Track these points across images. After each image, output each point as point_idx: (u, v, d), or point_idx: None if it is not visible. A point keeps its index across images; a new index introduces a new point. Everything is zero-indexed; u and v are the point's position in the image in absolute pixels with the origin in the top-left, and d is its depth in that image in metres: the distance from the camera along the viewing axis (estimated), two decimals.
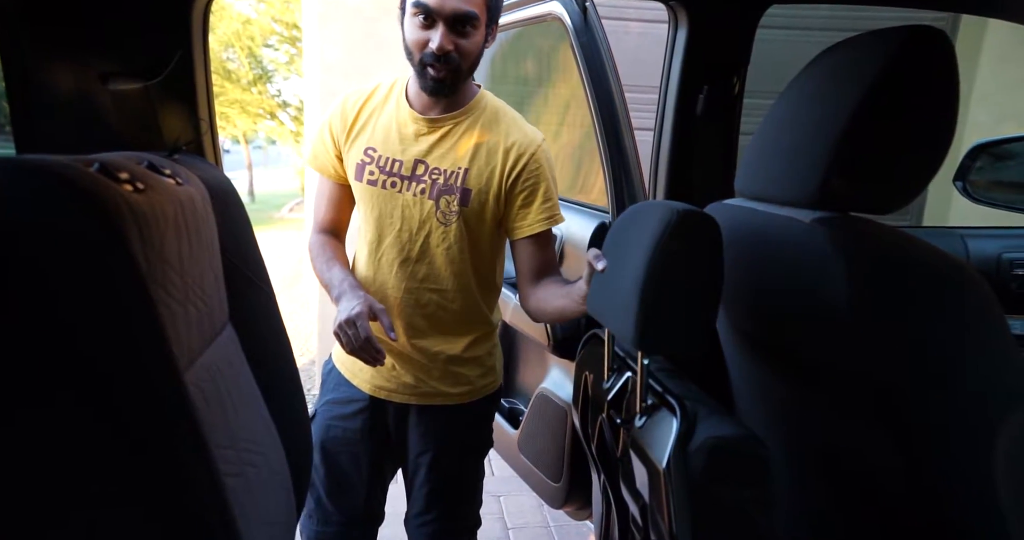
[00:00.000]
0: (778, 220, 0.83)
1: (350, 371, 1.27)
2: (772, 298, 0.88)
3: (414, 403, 1.24)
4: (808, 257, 0.77)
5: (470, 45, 1.07)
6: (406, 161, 1.15)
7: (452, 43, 1.05)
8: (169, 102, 0.94)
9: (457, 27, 1.04)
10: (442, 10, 1.03)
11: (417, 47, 1.07)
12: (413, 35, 1.07)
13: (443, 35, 1.04)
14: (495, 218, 1.18)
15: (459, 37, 1.05)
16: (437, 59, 1.06)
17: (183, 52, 0.92)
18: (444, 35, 1.04)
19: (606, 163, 1.40)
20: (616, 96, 1.36)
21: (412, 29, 1.07)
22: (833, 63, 0.78)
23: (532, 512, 2.22)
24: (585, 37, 1.35)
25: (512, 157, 1.15)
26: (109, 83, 0.91)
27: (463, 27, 1.05)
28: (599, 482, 1.20)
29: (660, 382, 0.96)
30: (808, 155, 0.75)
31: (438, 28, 1.04)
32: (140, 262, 0.55)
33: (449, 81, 1.09)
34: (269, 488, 0.83)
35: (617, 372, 1.10)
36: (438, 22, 1.04)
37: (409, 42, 1.08)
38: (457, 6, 1.03)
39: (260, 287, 1.01)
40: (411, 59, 1.09)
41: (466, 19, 1.04)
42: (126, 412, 0.51)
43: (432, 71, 1.07)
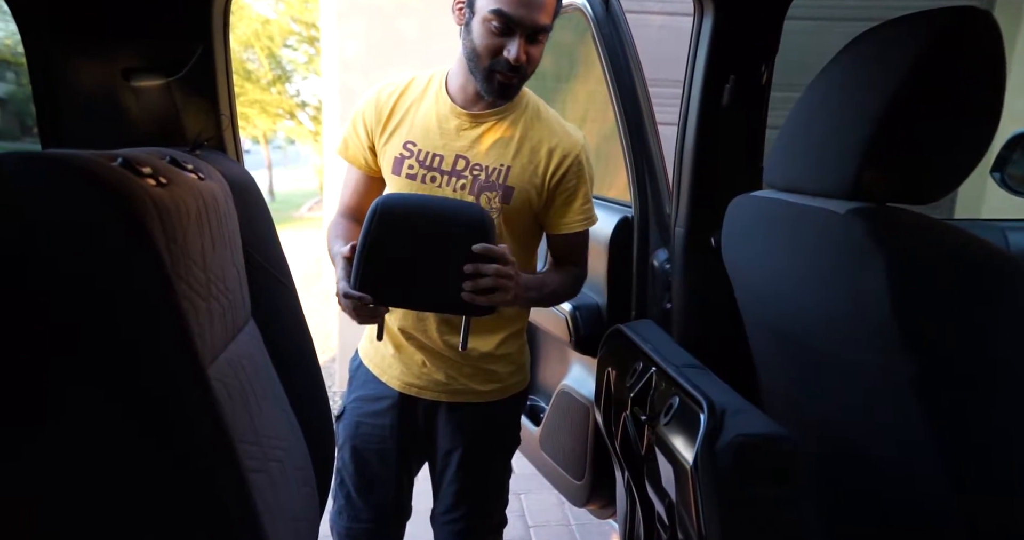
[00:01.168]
0: (810, 211, 0.81)
1: (379, 368, 1.27)
2: (804, 292, 0.85)
3: (444, 400, 1.24)
4: (843, 250, 0.74)
5: (539, 53, 1.09)
6: (447, 156, 1.15)
7: (526, 54, 1.06)
8: (190, 98, 0.94)
9: (532, 38, 1.06)
10: (523, 23, 1.03)
11: (488, 53, 1.07)
12: (486, 40, 1.06)
13: (520, 46, 1.05)
14: (533, 215, 1.18)
15: (531, 46, 1.07)
16: (511, 68, 1.06)
17: (204, 47, 0.92)
18: (522, 46, 1.05)
19: (629, 157, 1.38)
20: (639, 89, 1.34)
21: (485, 35, 1.06)
22: (869, 48, 0.76)
23: (553, 510, 2.21)
24: (608, 29, 1.34)
25: (556, 157, 1.15)
26: (132, 79, 0.91)
27: (537, 37, 1.06)
28: (623, 480, 1.18)
29: (686, 378, 0.94)
30: (842, 144, 0.73)
31: (515, 39, 1.04)
32: (164, 256, 0.55)
33: (516, 87, 1.11)
34: (292, 483, 0.83)
35: (641, 368, 1.08)
36: (516, 32, 1.04)
37: (480, 47, 1.07)
38: (537, 19, 1.04)
39: (282, 282, 1.01)
40: (477, 62, 1.08)
41: (542, 30, 1.06)
42: (152, 408, 0.51)
43: (501, 78, 1.08)
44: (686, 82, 1.19)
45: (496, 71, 1.07)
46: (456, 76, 1.15)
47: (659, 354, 1.06)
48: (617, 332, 1.23)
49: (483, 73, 1.08)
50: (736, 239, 1.02)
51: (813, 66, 0.85)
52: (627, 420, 1.09)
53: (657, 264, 1.37)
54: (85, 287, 0.47)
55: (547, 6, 1.04)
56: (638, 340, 1.14)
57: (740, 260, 1.03)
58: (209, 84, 0.95)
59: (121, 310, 0.50)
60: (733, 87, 1.13)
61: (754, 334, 1.05)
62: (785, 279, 0.90)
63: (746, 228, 0.99)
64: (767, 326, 1.00)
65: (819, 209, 0.79)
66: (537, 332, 1.75)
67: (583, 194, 1.18)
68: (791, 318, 0.91)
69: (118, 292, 0.49)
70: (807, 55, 1.57)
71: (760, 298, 1.00)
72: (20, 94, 22.80)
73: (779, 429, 0.81)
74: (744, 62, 1.13)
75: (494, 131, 1.15)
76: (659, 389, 1.01)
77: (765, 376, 1.06)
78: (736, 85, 1.13)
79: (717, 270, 1.09)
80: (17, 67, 20.24)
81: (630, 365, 1.12)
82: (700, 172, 1.19)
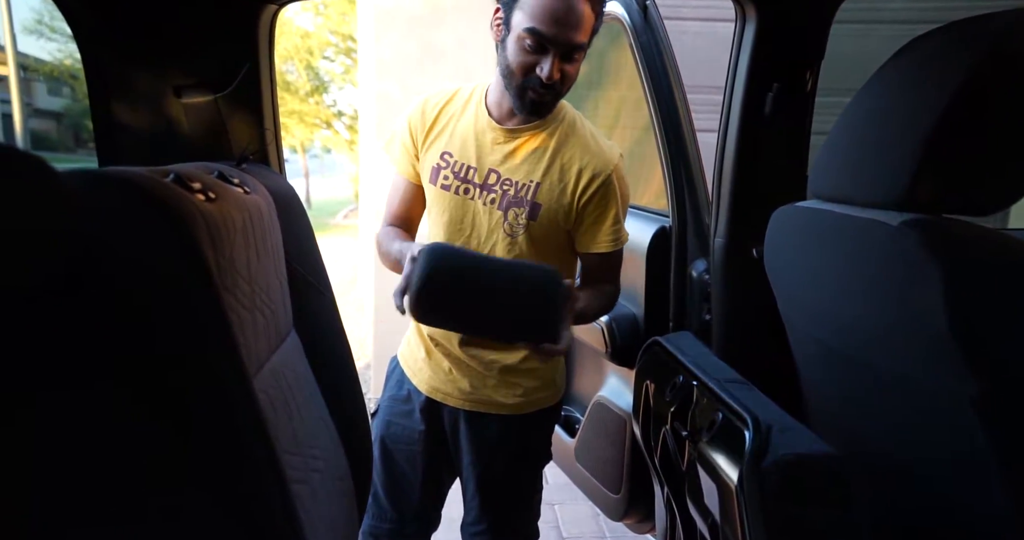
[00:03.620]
0: (859, 223, 0.78)
1: (411, 370, 1.28)
2: (854, 307, 0.82)
3: (467, 409, 1.24)
4: (895, 262, 0.72)
5: (574, 71, 1.08)
6: (480, 169, 1.16)
7: (560, 72, 1.05)
8: (237, 113, 0.97)
9: (566, 56, 1.04)
10: (557, 41, 1.02)
11: (522, 70, 1.06)
12: (519, 58, 1.05)
13: (554, 65, 1.03)
14: (563, 233, 1.17)
15: (566, 64, 1.05)
16: (543, 86, 1.05)
17: (251, 65, 0.94)
18: (555, 65, 1.03)
19: (667, 166, 1.36)
20: (678, 97, 1.32)
21: (519, 52, 1.05)
22: (923, 53, 0.73)
23: (588, 521, 2.18)
24: (645, 37, 1.32)
25: (586, 177, 1.13)
26: (182, 96, 0.94)
27: (572, 55, 1.05)
28: (662, 495, 1.16)
29: (729, 393, 0.92)
30: (895, 152, 0.70)
31: (549, 57, 1.03)
32: (212, 270, 0.56)
33: (551, 104, 1.10)
34: (333, 494, 0.83)
35: (681, 382, 1.06)
36: (549, 50, 1.03)
37: (513, 64, 1.06)
38: (572, 37, 1.02)
39: (322, 293, 1.02)
40: (511, 79, 1.08)
41: (577, 48, 1.04)
42: (200, 419, 0.52)
43: (533, 95, 1.07)
44: (727, 90, 1.17)
45: (529, 88, 1.06)
46: (494, 91, 1.16)
47: (700, 368, 1.03)
48: (655, 344, 1.21)
49: (516, 90, 1.08)
50: (780, 250, 1.00)
51: (856, 70, 0.82)
52: (667, 435, 1.07)
53: (696, 275, 1.34)
54: (139, 302, 0.48)
55: (583, 25, 1.03)
56: (677, 353, 1.12)
57: (785, 272, 1.00)
58: (255, 99, 0.97)
59: (172, 324, 0.51)
60: (776, 95, 1.11)
61: (799, 348, 1.02)
62: (833, 292, 0.87)
63: (791, 239, 0.97)
64: (813, 340, 0.97)
65: (869, 220, 0.76)
66: (572, 342, 1.74)
67: (613, 215, 1.15)
68: (839, 332, 0.88)
69: (170, 306, 0.51)
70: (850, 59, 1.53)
71: (806, 311, 0.97)
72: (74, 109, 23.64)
73: (829, 448, 0.78)
74: (788, 69, 1.10)
75: (527, 146, 1.15)
76: (701, 404, 0.98)
77: (811, 392, 1.03)
78: (779, 93, 1.11)
79: (759, 282, 1.06)
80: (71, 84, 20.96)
81: (670, 378, 1.10)
82: (741, 182, 1.16)
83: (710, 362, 1.08)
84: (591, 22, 1.04)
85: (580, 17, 1.01)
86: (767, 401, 0.92)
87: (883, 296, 0.77)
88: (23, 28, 21.75)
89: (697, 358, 1.09)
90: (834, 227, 0.85)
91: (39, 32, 13.93)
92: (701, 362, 1.06)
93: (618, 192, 1.15)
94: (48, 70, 21.61)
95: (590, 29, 1.05)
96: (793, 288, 0.99)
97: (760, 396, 0.93)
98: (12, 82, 12.85)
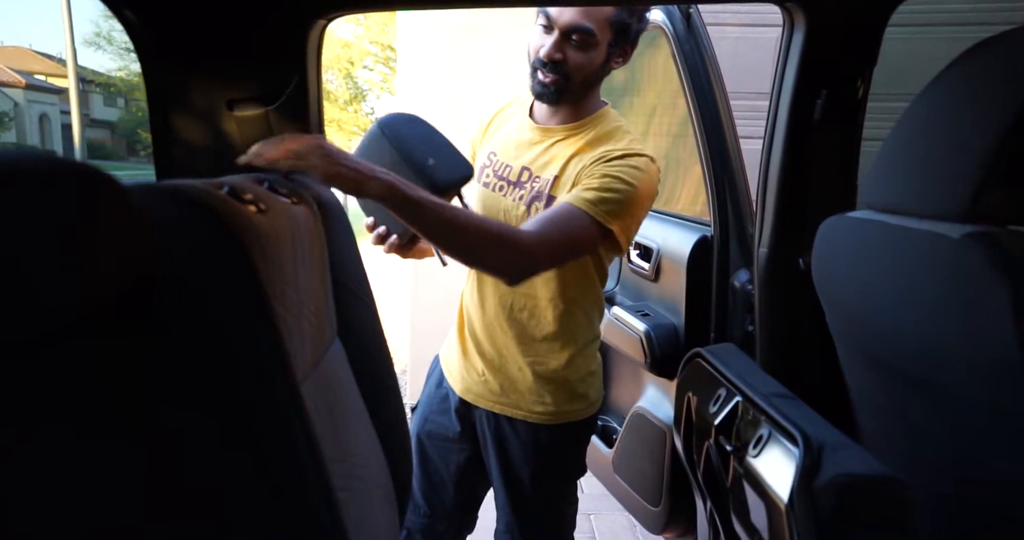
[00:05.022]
0: (917, 235, 0.75)
1: (448, 370, 1.30)
2: (910, 322, 0.79)
3: (496, 412, 1.23)
4: (956, 278, 0.69)
5: (581, 59, 1.08)
6: (515, 167, 1.18)
7: (561, 53, 1.07)
8: (285, 125, 0.99)
9: (571, 38, 1.07)
10: (558, 20, 1.06)
11: (533, 51, 1.11)
12: (533, 40, 1.11)
13: (553, 44, 1.07)
14: None
15: (572, 48, 1.07)
16: (544, 65, 1.09)
17: (299, 78, 0.97)
18: (554, 44, 1.07)
19: (709, 174, 1.34)
20: (721, 106, 1.31)
21: (534, 34, 1.11)
22: (991, 57, 0.70)
23: (625, 532, 2.15)
24: (688, 45, 1.31)
25: (594, 157, 1.08)
26: (235, 110, 0.97)
27: (578, 39, 1.07)
28: (705, 511, 1.13)
29: (776, 408, 0.89)
30: (958, 161, 0.67)
31: (552, 36, 1.07)
32: (263, 280, 0.57)
33: (554, 88, 1.10)
34: (375, 502, 0.84)
35: (725, 395, 1.04)
36: (555, 30, 1.07)
37: (530, 45, 1.12)
38: (572, 18, 1.05)
39: (364, 301, 1.03)
40: (529, 62, 1.13)
41: (580, 31, 1.06)
42: (251, 427, 0.53)
43: (540, 75, 1.10)
44: (773, 96, 1.15)
45: (536, 68, 1.10)
46: None
47: (744, 381, 1.01)
48: (697, 356, 1.18)
49: (530, 71, 1.12)
50: (829, 262, 0.97)
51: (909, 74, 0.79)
52: (710, 449, 1.05)
53: (738, 285, 1.32)
54: (195, 313, 0.50)
55: (592, 11, 1.05)
56: (720, 365, 1.10)
57: (835, 284, 0.97)
58: (302, 112, 0.99)
59: (226, 334, 0.52)
60: (826, 102, 1.08)
61: (849, 363, 0.99)
62: (887, 306, 0.84)
63: (841, 251, 0.94)
64: (865, 355, 0.94)
65: (927, 232, 0.73)
66: (610, 351, 1.72)
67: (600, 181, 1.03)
68: (894, 348, 0.85)
69: (224, 317, 0.52)
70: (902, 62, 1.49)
71: (858, 325, 0.94)
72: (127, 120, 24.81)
73: (887, 470, 0.75)
74: (838, 76, 1.08)
75: (558, 145, 1.16)
76: (746, 418, 0.96)
77: (862, 410, 0.99)
78: (829, 100, 1.08)
79: (805, 293, 1.04)
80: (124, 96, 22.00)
81: (713, 391, 1.07)
82: (787, 191, 1.14)
83: (755, 375, 1.06)
84: (605, 12, 1.06)
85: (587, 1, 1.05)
86: (817, 417, 0.89)
87: (943, 313, 0.73)
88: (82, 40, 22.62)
89: (741, 370, 1.06)
90: (888, 239, 0.82)
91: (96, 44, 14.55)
92: (746, 375, 1.04)
93: (624, 172, 1.05)
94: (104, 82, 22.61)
95: (604, 19, 1.06)
96: (844, 301, 0.96)
97: (809, 411, 0.90)
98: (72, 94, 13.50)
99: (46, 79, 21.35)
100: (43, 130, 19.77)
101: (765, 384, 1.00)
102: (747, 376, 1.04)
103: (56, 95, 19.79)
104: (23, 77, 18.86)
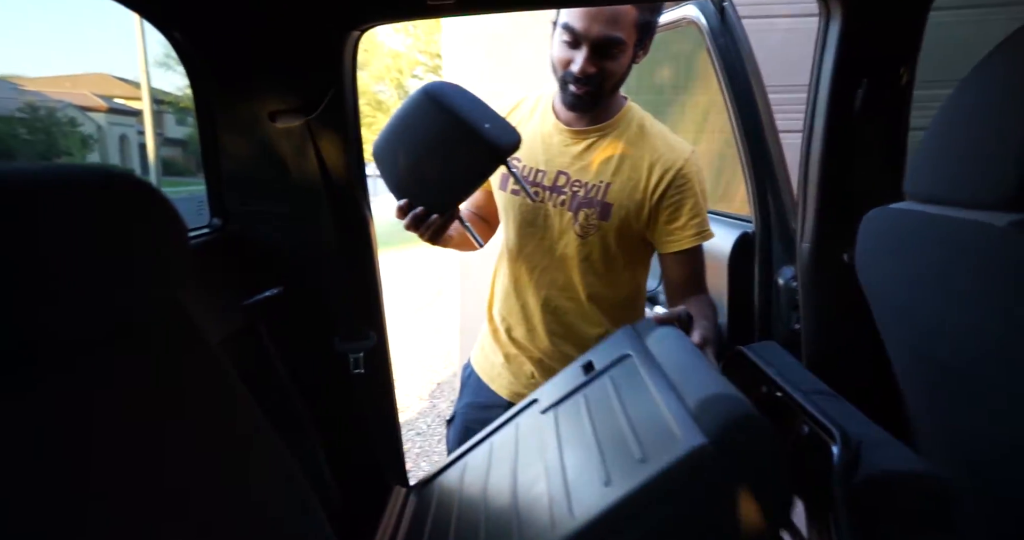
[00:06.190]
0: (961, 225, 0.73)
1: (488, 376, 1.30)
2: (957, 316, 0.76)
3: None
4: (1003, 268, 0.66)
5: (614, 66, 1.07)
6: (549, 172, 1.17)
7: (595, 66, 1.05)
8: (324, 134, 1.04)
9: (601, 51, 1.04)
10: (588, 35, 1.03)
11: (561, 65, 1.09)
12: (558, 53, 1.08)
13: (586, 59, 1.04)
14: (637, 233, 1.16)
15: (603, 59, 1.05)
16: (577, 80, 1.07)
17: (336, 88, 1.01)
18: (587, 59, 1.04)
19: (748, 170, 1.32)
20: (758, 99, 1.28)
21: (558, 47, 1.08)
22: None
23: None
24: (723, 39, 1.29)
25: (657, 172, 1.12)
26: (277, 121, 1.02)
27: (608, 50, 1.05)
28: None
29: (815, 405, 0.87)
30: (1002, 148, 0.65)
31: (582, 50, 1.05)
32: None
33: (589, 99, 1.10)
34: None
35: (765, 393, 1.02)
36: (582, 45, 1.04)
37: (554, 59, 1.10)
38: (603, 32, 1.02)
39: None
40: (555, 74, 1.11)
41: (611, 44, 1.04)
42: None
43: (573, 88, 1.09)
44: (811, 88, 1.12)
45: (568, 82, 1.08)
46: (560, 94, 1.17)
47: (784, 378, 0.99)
48: (739, 354, 1.17)
49: (560, 84, 1.11)
50: (873, 256, 0.94)
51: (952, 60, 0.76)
52: None
53: (782, 282, 1.28)
54: None
55: (618, 19, 1.02)
56: (761, 363, 1.08)
57: (879, 278, 0.95)
58: (340, 121, 1.04)
59: None
60: (867, 92, 1.05)
61: (898, 359, 0.96)
62: (933, 300, 0.81)
63: (885, 243, 0.91)
64: (913, 351, 0.90)
65: (971, 222, 0.71)
66: None
67: (690, 207, 1.12)
68: (942, 343, 0.82)
69: None
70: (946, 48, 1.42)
71: (905, 320, 0.91)
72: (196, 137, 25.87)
73: (927, 466, 0.73)
74: (879, 65, 1.04)
75: (596, 148, 1.15)
76: (785, 416, 0.94)
77: (914, 407, 0.96)
78: (870, 90, 1.04)
79: (850, 289, 1.01)
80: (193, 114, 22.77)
81: (753, 389, 1.06)
82: (829, 184, 1.11)
83: (797, 373, 1.03)
84: (631, 17, 1.03)
85: (614, 11, 1.01)
86: (857, 414, 0.86)
87: (991, 304, 0.70)
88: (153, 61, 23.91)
89: (783, 369, 1.04)
90: (932, 230, 0.79)
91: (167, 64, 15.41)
92: (787, 373, 1.02)
93: (695, 185, 1.13)
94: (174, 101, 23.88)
95: (631, 24, 1.03)
96: (889, 295, 0.93)
97: (850, 408, 0.88)
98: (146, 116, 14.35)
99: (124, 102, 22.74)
100: (123, 150, 21.06)
101: (806, 381, 0.98)
102: (788, 373, 1.02)
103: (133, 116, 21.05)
104: (104, 101, 20.15)
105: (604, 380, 0.97)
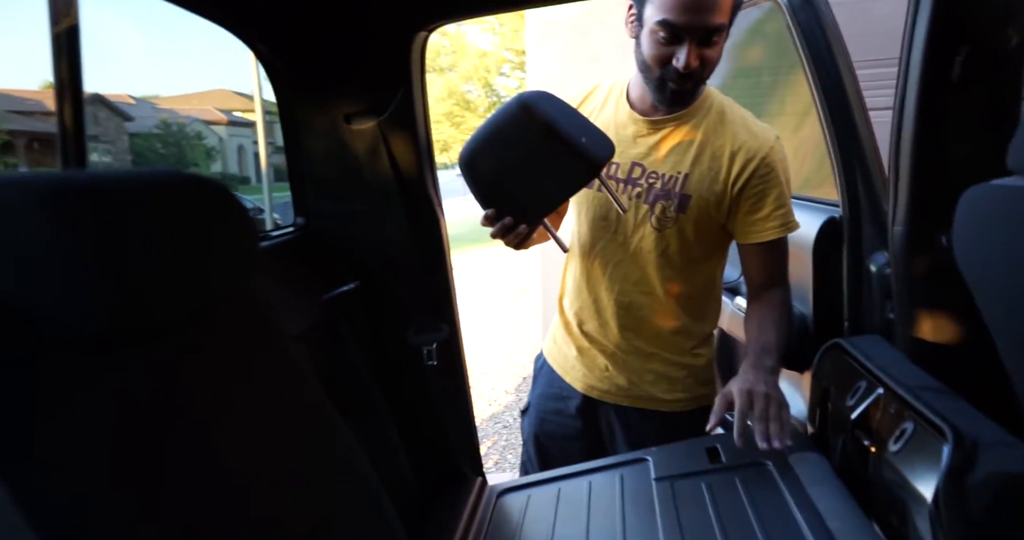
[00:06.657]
0: None
1: (562, 368, 1.31)
2: None
3: (626, 405, 1.23)
4: None
5: (714, 54, 1.02)
6: (623, 164, 1.14)
7: (698, 59, 1.00)
8: (395, 133, 1.08)
9: (704, 41, 1.00)
10: (690, 28, 0.98)
11: (658, 63, 1.03)
12: (654, 51, 1.02)
13: (690, 53, 0.99)
14: (716, 224, 1.12)
15: (705, 49, 1.01)
16: (681, 76, 1.02)
17: (405, 88, 1.05)
18: (692, 53, 0.99)
19: (835, 152, 1.24)
20: (845, 76, 1.20)
21: (653, 45, 1.02)
22: None
23: None
24: (804, 14, 1.22)
25: (739, 161, 1.08)
26: (352, 123, 1.08)
27: (709, 39, 1.00)
28: None
29: (923, 401, 0.82)
30: None
31: (684, 45, 0.99)
32: None
33: (691, 93, 1.07)
34: None
35: (865, 388, 0.96)
36: (684, 39, 0.99)
37: (648, 58, 1.03)
38: (706, 22, 0.97)
39: None
40: (648, 73, 1.05)
41: (715, 32, 0.99)
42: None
43: (673, 85, 1.03)
44: (902, 58, 1.04)
45: (668, 80, 1.03)
46: (635, 85, 1.15)
47: (887, 373, 0.93)
48: (836, 346, 1.11)
49: (655, 83, 1.05)
50: (972, 236, 0.86)
51: None
52: (847, 442, 0.98)
53: (875, 269, 1.20)
54: None
55: (717, 5, 0.97)
56: (861, 357, 1.02)
57: (979, 262, 0.87)
58: (409, 120, 1.08)
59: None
60: (965, 60, 0.96)
61: (1008, 350, 0.87)
62: None
63: (985, 224, 0.83)
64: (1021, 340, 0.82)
65: None
66: (733, 343, 1.65)
67: (774, 198, 1.07)
68: None
69: None
70: None
71: (1011, 307, 0.83)
72: None
73: None
74: (980, 28, 0.95)
75: (673, 137, 1.11)
76: (887, 412, 0.88)
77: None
78: (969, 57, 0.95)
79: (949, 274, 0.93)
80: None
81: (852, 383, 1.00)
82: (923, 161, 1.02)
83: (900, 366, 0.97)
84: (728, 1, 0.98)
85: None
86: (971, 411, 0.80)
87: None
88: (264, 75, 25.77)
89: (884, 362, 0.98)
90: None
91: None
92: (889, 366, 0.96)
93: (779, 174, 1.08)
94: None
95: (728, 7, 0.98)
96: (993, 281, 0.85)
97: (963, 405, 0.81)
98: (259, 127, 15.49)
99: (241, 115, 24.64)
100: (240, 159, 22.86)
101: (911, 376, 0.92)
102: (891, 368, 0.96)
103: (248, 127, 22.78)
104: (225, 115, 21.93)
105: (732, 477, 0.99)
